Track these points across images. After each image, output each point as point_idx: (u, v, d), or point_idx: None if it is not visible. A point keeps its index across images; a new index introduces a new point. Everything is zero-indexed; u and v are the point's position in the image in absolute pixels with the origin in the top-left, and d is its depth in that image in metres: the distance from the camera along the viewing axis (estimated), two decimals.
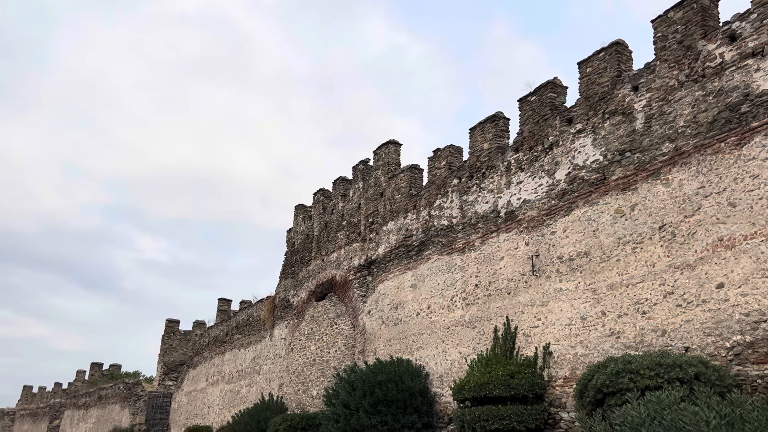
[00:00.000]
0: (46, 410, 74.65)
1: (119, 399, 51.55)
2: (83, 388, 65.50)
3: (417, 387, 17.95)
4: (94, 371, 69.10)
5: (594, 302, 14.20)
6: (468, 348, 17.57)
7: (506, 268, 16.97)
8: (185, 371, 43.59)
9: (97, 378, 66.47)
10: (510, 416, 14.01)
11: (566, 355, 14.61)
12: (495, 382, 14.47)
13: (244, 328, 35.46)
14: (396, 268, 21.70)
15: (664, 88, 13.77)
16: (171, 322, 49.93)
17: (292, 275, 30.12)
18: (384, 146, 24.32)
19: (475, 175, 18.94)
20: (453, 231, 19.33)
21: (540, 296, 15.68)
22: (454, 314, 18.50)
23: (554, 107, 16.70)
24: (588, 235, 14.73)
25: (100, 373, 68.25)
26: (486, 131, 18.86)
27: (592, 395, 11.49)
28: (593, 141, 15.18)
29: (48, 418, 72.35)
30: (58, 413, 70.02)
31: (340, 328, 24.85)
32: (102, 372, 68.68)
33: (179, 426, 40.76)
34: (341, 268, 25.33)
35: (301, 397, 26.00)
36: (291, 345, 28.14)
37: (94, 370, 69.21)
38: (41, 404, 78.37)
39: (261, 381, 31.26)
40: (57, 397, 73.61)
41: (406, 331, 20.39)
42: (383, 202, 23.44)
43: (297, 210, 31.56)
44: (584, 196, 15.08)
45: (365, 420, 17.49)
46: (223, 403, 35.46)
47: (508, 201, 17.43)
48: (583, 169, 15.28)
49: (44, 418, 74.46)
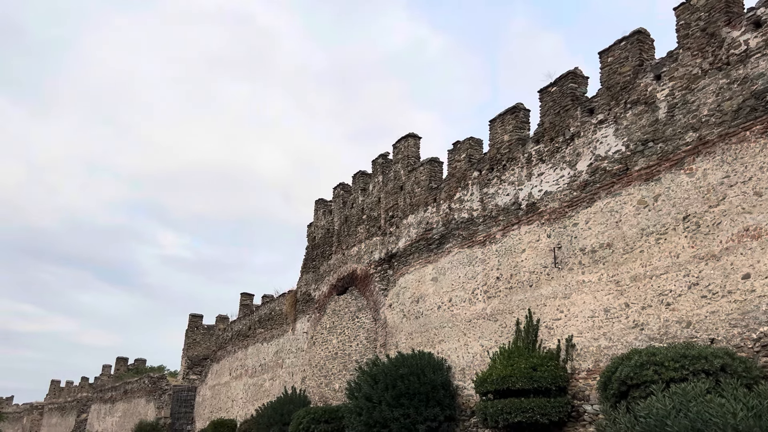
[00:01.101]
0: (74, 404, 75.96)
1: (144, 393, 52.27)
2: (109, 382, 66.51)
3: (439, 380, 17.96)
4: (119, 366, 70.12)
5: (617, 294, 14.08)
6: (490, 341, 17.53)
7: (528, 260, 16.88)
8: (209, 365, 44.05)
9: (123, 372, 67.43)
10: (533, 409, 13.97)
11: (589, 348, 14.52)
12: (517, 374, 14.43)
13: (266, 322, 35.72)
14: (417, 262, 21.70)
15: (687, 76, 13.57)
16: (194, 316, 50.50)
17: (314, 269, 30.26)
18: (403, 140, 24.29)
19: (496, 167, 18.85)
20: (474, 224, 19.27)
21: (562, 288, 15.58)
22: (475, 307, 18.47)
23: (575, 98, 16.55)
24: (611, 227, 14.60)
25: (126, 368, 69.23)
26: (506, 123, 18.75)
27: (615, 387, 11.41)
28: (615, 131, 15.02)
29: (75, 412, 73.60)
30: (85, 407, 71.18)
31: (362, 322, 24.93)
32: (127, 366, 69.66)
33: (204, 419, 41.23)
34: (362, 261, 25.38)
35: (324, 391, 26.15)
36: (313, 339, 28.29)
37: (120, 365, 70.22)
38: (69, 398, 79.74)
39: (284, 374, 31.49)
40: (84, 392, 74.83)
41: (428, 325, 20.40)
42: (403, 195, 23.43)
43: (317, 204, 31.67)
44: (606, 187, 14.94)
45: (388, 413, 17.55)
46: (246, 396, 35.79)
47: (529, 193, 17.33)
48: (605, 160, 15.13)
49: (72, 412, 75.77)
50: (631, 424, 7.65)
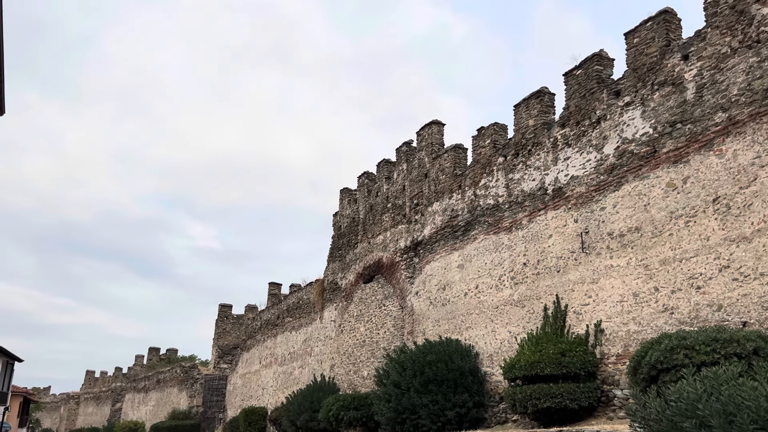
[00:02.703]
0: (108, 394, 77.64)
1: (177, 382, 53.20)
2: (142, 372, 67.79)
3: (467, 366, 17.99)
4: (152, 356, 71.38)
5: (646, 278, 13.94)
6: (517, 327, 17.50)
7: (555, 245, 16.78)
8: (239, 354, 44.65)
9: (155, 362, 68.64)
10: (562, 394, 13.93)
11: (618, 332, 14.42)
12: (546, 360, 14.39)
13: (294, 311, 36.06)
14: (442, 249, 21.70)
15: (715, 55, 13.31)
16: (224, 306, 51.18)
17: (340, 258, 30.43)
18: (427, 127, 24.23)
19: (521, 152, 18.72)
20: (499, 210, 19.19)
21: (590, 273, 15.47)
22: (502, 293, 18.43)
23: (601, 80, 16.34)
24: (639, 210, 14.44)
25: (158, 358, 70.46)
26: (531, 107, 18.59)
27: (646, 372, 11.32)
28: (642, 113, 14.81)
29: (110, 401, 75.23)
30: (119, 396, 72.69)
31: (389, 310, 25.03)
32: (159, 356, 70.88)
33: (235, 407, 41.86)
34: (388, 250, 25.45)
35: (353, 378, 26.36)
36: (341, 327, 28.50)
37: (152, 355, 71.48)
38: (103, 388, 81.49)
39: (313, 362, 31.79)
40: (118, 381, 76.37)
41: (455, 311, 20.41)
42: (427, 183, 23.40)
43: (342, 194, 31.79)
44: (634, 170, 14.75)
45: (416, 399, 17.65)
46: (276, 384, 36.23)
47: (555, 178, 17.19)
48: (632, 143, 14.94)
49: (107, 401, 77.46)
50: (662, 408, 7.58)
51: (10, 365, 40.24)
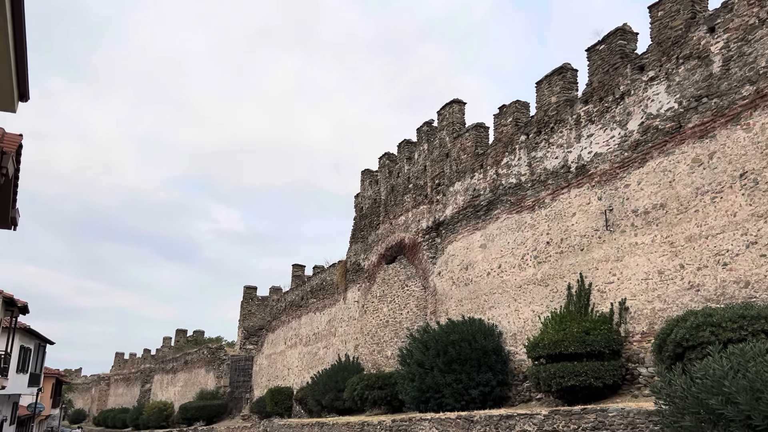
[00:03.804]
0: (138, 375, 79.19)
1: (204, 363, 54.06)
2: (170, 353, 69.00)
3: (490, 346, 18.02)
4: (179, 337, 72.56)
5: (672, 255, 13.78)
6: (541, 306, 17.45)
7: (578, 224, 16.65)
8: (264, 335, 45.18)
9: (183, 344, 69.77)
10: (586, 372, 13.90)
11: (643, 310, 14.30)
12: (570, 338, 14.35)
13: (318, 292, 36.32)
14: (464, 229, 21.64)
15: (743, 27, 12.99)
16: (249, 288, 51.69)
17: (362, 239, 30.52)
18: (448, 106, 24.06)
19: (543, 130, 18.53)
20: (522, 189, 19.05)
21: (614, 251, 15.34)
22: (525, 273, 18.36)
23: (624, 55, 16.06)
24: (664, 187, 14.24)
25: (185, 339, 71.60)
26: (553, 84, 18.36)
27: (671, 350, 11.24)
28: (667, 88, 14.54)
29: (140, 383, 76.74)
30: (148, 378, 74.11)
31: (411, 290, 25.10)
32: (186, 338, 72.02)
33: (261, 388, 42.46)
34: (409, 230, 25.46)
35: (376, 358, 26.55)
36: (364, 307, 28.67)
37: (179, 337, 72.65)
38: (133, 369, 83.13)
39: (337, 343, 32.07)
40: (147, 363, 77.82)
41: (477, 291, 20.40)
42: (449, 162, 23.30)
43: (363, 175, 31.79)
44: (659, 146, 14.53)
45: (440, 378, 17.74)
46: (301, 364, 36.64)
47: (578, 155, 17.01)
48: (657, 118, 14.70)
49: (136, 382, 79.04)
50: (687, 385, 7.53)
51: (42, 348, 41.18)
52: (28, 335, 36.15)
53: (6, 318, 28.45)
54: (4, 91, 9.08)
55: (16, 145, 10.90)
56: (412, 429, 16.40)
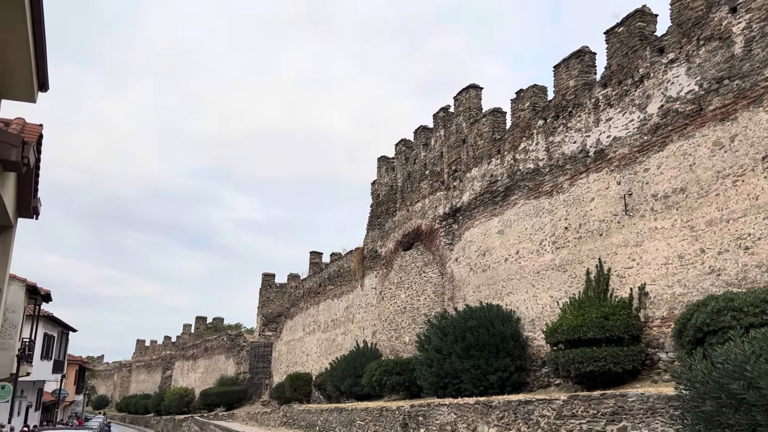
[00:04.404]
0: (159, 362, 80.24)
1: (224, 350, 54.63)
2: (190, 340, 69.79)
3: (508, 331, 18.00)
4: (199, 324, 73.35)
5: (692, 240, 13.64)
6: (559, 291, 17.37)
7: (597, 209, 16.52)
8: (283, 322, 45.51)
9: (202, 331, 70.54)
10: (605, 358, 13.84)
11: (663, 295, 14.19)
12: (589, 324, 14.29)
13: (335, 279, 36.47)
14: (482, 215, 21.57)
15: (765, 6, 12.72)
16: (267, 275, 52.03)
17: (379, 226, 30.54)
18: (464, 91, 23.91)
19: (561, 114, 18.36)
20: (539, 174, 18.92)
21: (634, 236, 15.21)
22: (543, 258, 18.28)
23: (644, 37, 15.82)
24: (684, 171, 14.06)
25: (205, 326, 72.38)
26: (571, 68, 18.16)
27: (691, 334, 11.16)
28: (687, 70, 14.32)
29: (161, 369, 77.77)
30: (169, 364, 75.06)
31: (429, 276, 25.11)
32: (206, 325, 72.79)
33: (281, 374, 42.83)
34: (426, 217, 25.43)
35: (394, 344, 26.65)
36: (381, 294, 28.74)
37: (199, 324, 73.45)
38: (154, 356, 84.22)
39: (355, 329, 32.22)
40: (167, 350, 78.79)
41: (495, 277, 20.36)
42: (466, 148, 23.19)
43: (380, 162, 31.75)
44: (679, 129, 14.34)
45: (458, 364, 17.77)
46: (320, 350, 36.88)
47: (597, 139, 16.84)
48: (677, 101, 14.49)
49: (157, 369, 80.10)
50: (708, 370, 7.47)
51: (65, 335, 41.82)
52: (51, 323, 36.72)
53: (30, 306, 28.91)
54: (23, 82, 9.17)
55: (37, 135, 11.02)
56: (430, 414, 16.47)
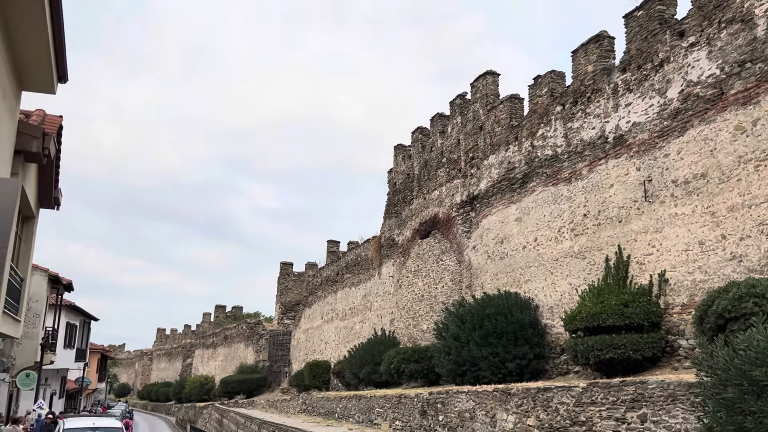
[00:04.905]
0: (179, 350, 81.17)
1: (243, 338, 55.13)
2: (210, 329, 70.49)
3: (527, 319, 17.96)
4: (218, 313, 74.03)
5: (713, 226, 13.48)
6: (578, 279, 17.29)
7: (616, 195, 16.38)
8: (301, 310, 45.78)
9: (222, 319, 71.21)
10: (625, 345, 13.77)
11: (684, 282, 14.07)
12: (608, 311, 14.21)
13: (353, 267, 36.58)
14: (499, 203, 21.48)
15: None
16: (285, 264, 52.33)
17: (396, 215, 30.54)
18: (481, 77, 23.75)
19: (580, 100, 18.18)
20: (558, 161, 18.78)
21: (654, 222, 15.06)
22: (562, 245, 18.18)
23: (663, 21, 15.59)
24: (705, 156, 13.88)
25: (224, 315, 73.04)
26: (590, 53, 17.96)
27: (712, 321, 11.07)
28: (708, 54, 14.09)
29: (181, 357, 78.69)
30: (189, 352, 75.91)
31: (446, 264, 25.10)
32: (225, 313, 73.46)
33: (300, 361, 43.15)
34: (443, 205, 25.37)
35: (412, 332, 26.71)
36: (399, 282, 28.79)
37: (219, 312, 74.13)
38: (174, 345, 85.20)
39: (373, 317, 32.34)
40: (187, 338, 79.67)
41: (513, 265, 20.30)
42: (483, 135, 23.06)
43: (396, 150, 31.69)
44: (700, 114, 14.14)
45: (476, 352, 17.78)
46: (338, 338, 37.08)
47: (616, 125, 16.67)
48: (697, 86, 14.28)
49: (178, 357, 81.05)
50: (730, 357, 7.42)
51: (87, 324, 42.42)
52: (73, 312, 37.26)
53: (52, 295, 29.35)
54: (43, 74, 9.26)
55: (57, 127, 11.14)
56: (449, 401, 16.52)
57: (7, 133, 9.07)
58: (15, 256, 10.76)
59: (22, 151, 9.75)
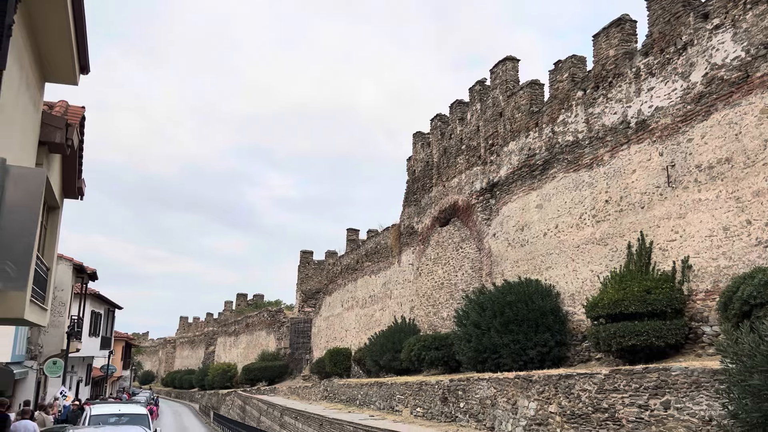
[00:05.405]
0: (202, 338, 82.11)
1: (264, 326, 55.60)
2: (232, 317, 71.16)
3: (548, 306, 17.88)
4: (239, 301, 74.67)
5: (738, 211, 13.28)
6: (600, 266, 17.16)
7: (639, 181, 16.19)
8: (322, 298, 46.03)
9: (243, 307, 71.81)
10: (648, 332, 13.65)
11: (707, 268, 13.89)
12: (630, 298, 14.10)
13: (372, 255, 36.65)
14: (520, 189, 21.34)
15: None
16: (305, 253, 52.56)
17: (415, 203, 30.50)
18: (501, 63, 23.54)
19: (601, 85, 17.96)
20: (579, 146, 18.60)
21: (677, 208, 14.88)
22: (583, 232, 18.04)
23: (687, 3, 15.30)
24: (729, 140, 13.65)
25: (245, 303, 73.65)
26: (611, 36, 17.71)
27: (737, 307, 10.93)
28: (733, 36, 13.82)
29: (204, 345, 79.60)
30: (212, 340, 76.77)
31: (466, 252, 25.04)
32: (247, 302, 74.06)
33: (320, 349, 43.45)
34: (463, 192, 25.28)
35: (432, 319, 26.74)
36: (419, 270, 28.80)
37: (240, 300, 74.76)
38: (197, 332, 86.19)
39: (392, 305, 32.41)
40: (209, 326, 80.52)
41: (534, 252, 20.19)
42: (502, 122, 22.89)
43: (415, 138, 31.60)
44: (724, 97, 13.89)
45: (497, 339, 17.76)
46: (359, 326, 37.25)
47: (638, 110, 16.45)
48: (722, 69, 14.02)
49: (200, 345, 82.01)
50: (756, 343, 7.33)
51: (112, 312, 43.07)
52: (98, 301, 37.84)
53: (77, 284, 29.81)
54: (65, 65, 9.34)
55: (79, 117, 11.25)
56: (470, 388, 16.54)
57: (32, 124, 9.18)
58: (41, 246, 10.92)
59: (46, 142, 9.87)
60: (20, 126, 8.31)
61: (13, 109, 7.70)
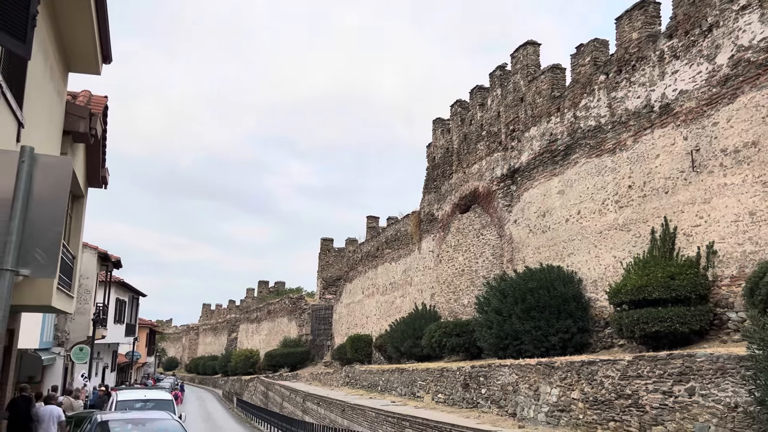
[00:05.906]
0: (224, 325, 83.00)
1: (286, 312, 56.03)
2: (254, 304, 71.79)
3: (570, 292, 17.79)
4: (261, 288, 75.27)
5: (764, 195, 13.05)
6: (623, 252, 17.00)
7: (662, 166, 15.97)
8: (342, 285, 46.23)
9: (265, 294, 72.39)
10: (671, 318, 13.52)
11: (733, 254, 13.70)
12: (654, 284, 13.97)
13: (393, 242, 36.68)
14: (541, 175, 21.18)
15: None
16: (325, 240, 52.77)
17: (435, 190, 30.42)
18: (522, 48, 23.30)
19: (624, 68, 17.71)
20: (602, 131, 18.39)
21: (702, 193, 14.67)
22: (606, 218, 17.88)
23: None
24: (756, 123, 13.40)
25: (267, 290, 74.22)
26: (634, 19, 17.42)
27: (764, 293, 10.78)
28: (761, 17, 13.52)
29: (227, 332, 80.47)
30: (234, 327, 77.55)
31: (487, 239, 24.96)
32: (268, 289, 74.63)
33: (341, 335, 43.70)
34: (483, 179, 25.15)
35: (453, 306, 26.74)
36: (439, 257, 28.77)
37: (262, 287, 75.35)
38: (219, 320, 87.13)
39: (413, 292, 32.46)
40: (231, 313, 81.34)
41: (556, 238, 20.06)
42: (524, 107, 22.69)
43: (435, 124, 31.46)
44: (751, 80, 13.62)
45: (518, 326, 17.72)
46: (379, 313, 37.38)
47: (662, 94, 16.20)
48: (749, 50, 13.74)
49: (223, 331, 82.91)
50: None
51: (136, 300, 43.64)
52: (122, 288, 38.36)
53: (102, 272, 30.24)
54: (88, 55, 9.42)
55: (102, 107, 11.36)
56: (491, 375, 16.55)
57: (57, 114, 9.29)
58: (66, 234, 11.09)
59: (70, 131, 9.99)
60: (46, 116, 8.41)
61: (38, 99, 7.80)
